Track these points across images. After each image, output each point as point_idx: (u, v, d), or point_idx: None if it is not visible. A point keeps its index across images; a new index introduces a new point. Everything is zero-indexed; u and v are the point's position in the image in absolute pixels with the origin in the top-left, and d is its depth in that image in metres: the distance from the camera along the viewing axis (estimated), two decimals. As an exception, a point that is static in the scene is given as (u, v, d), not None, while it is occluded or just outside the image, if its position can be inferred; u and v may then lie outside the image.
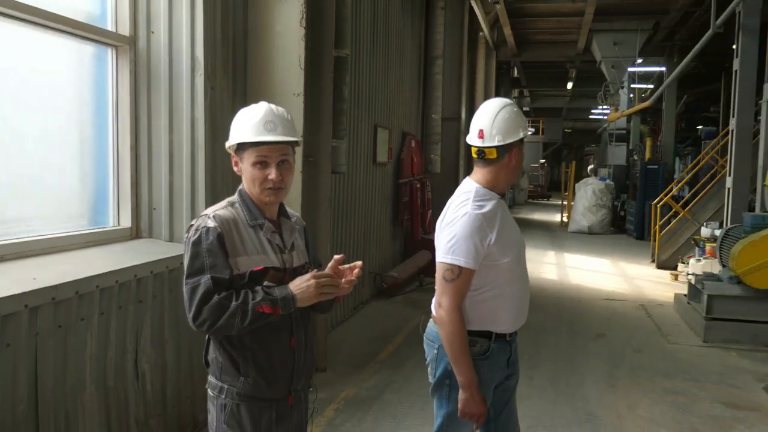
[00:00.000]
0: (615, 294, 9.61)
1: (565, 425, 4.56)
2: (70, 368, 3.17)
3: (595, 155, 33.60)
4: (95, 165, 4.09)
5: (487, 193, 2.64)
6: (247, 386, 2.22)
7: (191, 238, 2.20)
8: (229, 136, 2.30)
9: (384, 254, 9.34)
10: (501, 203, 2.68)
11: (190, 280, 2.15)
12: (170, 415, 4.02)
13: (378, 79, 8.54)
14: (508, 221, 2.69)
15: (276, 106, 2.32)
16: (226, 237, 2.18)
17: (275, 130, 2.21)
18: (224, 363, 2.24)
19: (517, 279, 2.67)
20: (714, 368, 6.05)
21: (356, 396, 5.05)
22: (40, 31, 3.51)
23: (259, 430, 2.24)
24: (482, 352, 2.59)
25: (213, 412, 2.29)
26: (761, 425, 4.69)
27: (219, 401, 2.25)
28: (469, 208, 2.56)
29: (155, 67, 4.15)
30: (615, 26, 15.81)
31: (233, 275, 2.16)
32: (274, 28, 4.71)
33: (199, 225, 2.21)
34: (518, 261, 2.69)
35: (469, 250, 2.50)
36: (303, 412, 2.43)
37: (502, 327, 2.63)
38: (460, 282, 2.53)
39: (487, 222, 2.55)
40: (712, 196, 12.85)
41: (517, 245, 2.70)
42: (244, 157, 2.24)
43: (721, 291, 7.07)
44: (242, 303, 2.09)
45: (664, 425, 4.67)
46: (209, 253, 2.15)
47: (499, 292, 2.61)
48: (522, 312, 2.72)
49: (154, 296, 3.81)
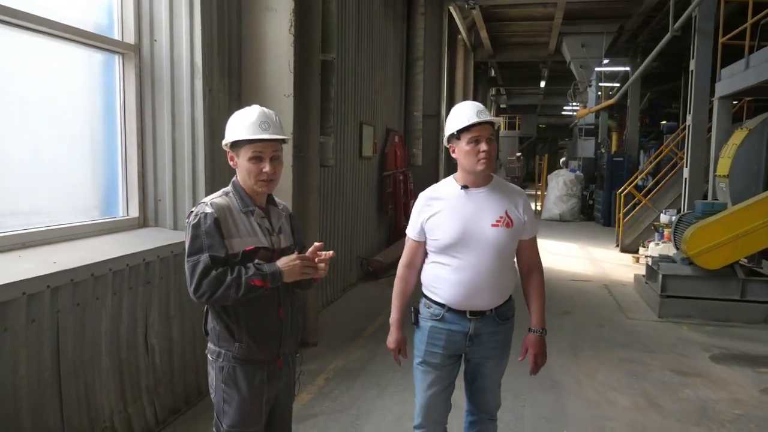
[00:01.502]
0: (581, 275, 9.86)
1: (530, 391, 4.78)
2: (87, 341, 3.34)
3: (567, 148, 33.86)
4: (105, 161, 4.23)
5: (449, 181, 2.81)
6: (241, 351, 2.41)
7: (191, 222, 2.37)
8: (225, 134, 2.48)
9: (370, 241, 9.52)
10: (461, 193, 2.74)
11: (191, 258, 2.33)
12: (177, 383, 4.19)
13: (363, 80, 8.69)
14: (460, 209, 2.71)
15: (267, 109, 2.50)
16: (221, 221, 2.36)
17: (268, 130, 2.40)
18: (221, 331, 2.43)
19: (460, 262, 2.70)
20: (666, 340, 6.29)
21: (344, 367, 5.24)
22: (55, 41, 3.65)
23: (253, 388, 2.43)
24: (435, 314, 2.79)
25: (212, 373, 2.48)
26: (705, 389, 4.93)
27: (217, 364, 2.44)
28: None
29: (158, 72, 4.29)
30: (583, 29, 16.05)
31: (228, 254, 2.35)
32: (265, 36, 4.86)
33: (198, 211, 2.39)
34: (462, 246, 2.69)
35: (413, 224, 2.83)
36: (291, 374, 2.62)
37: (443, 298, 2.75)
38: (407, 246, 2.90)
39: (425, 201, 2.80)
40: (671, 186, 13.13)
41: (463, 232, 2.68)
42: (241, 153, 2.42)
43: (674, 271, 7.31)
44: (237, 277, 2.28)
45: (619, 390, 4.89)
46: (207, 235, 2.33)
47: (436, 266, 2.78)
48: (468, 294, 2.72)
49: (161, 278, 3.98)
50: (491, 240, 2.68)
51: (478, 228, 2.69)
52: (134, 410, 3.74)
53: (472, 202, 2.73)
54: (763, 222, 6.82)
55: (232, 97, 4.80)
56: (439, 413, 2.89)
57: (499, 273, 2.74)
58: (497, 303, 2.79)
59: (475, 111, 2.68)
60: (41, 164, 3.66)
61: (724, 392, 4.85)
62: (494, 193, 2.76)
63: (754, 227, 6.84)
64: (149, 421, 3.87)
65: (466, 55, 18.65)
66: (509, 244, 2.75)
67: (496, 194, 2.76)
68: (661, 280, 7.27)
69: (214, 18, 4.48)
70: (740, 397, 4.76)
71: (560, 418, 4.32)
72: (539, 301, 2.91)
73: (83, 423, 3.32)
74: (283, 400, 2.62)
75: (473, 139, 2.65)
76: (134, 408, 3.74)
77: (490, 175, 2.80)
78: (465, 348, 2.81)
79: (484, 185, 2.76)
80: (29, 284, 2.87)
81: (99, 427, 3.44)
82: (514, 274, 2.87)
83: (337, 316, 6.92)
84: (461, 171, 2.76)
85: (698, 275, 7.16)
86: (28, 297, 2.88)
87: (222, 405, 2.44)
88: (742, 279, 7.03)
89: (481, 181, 2.75)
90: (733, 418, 4.36)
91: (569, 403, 4.59)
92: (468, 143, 2.66)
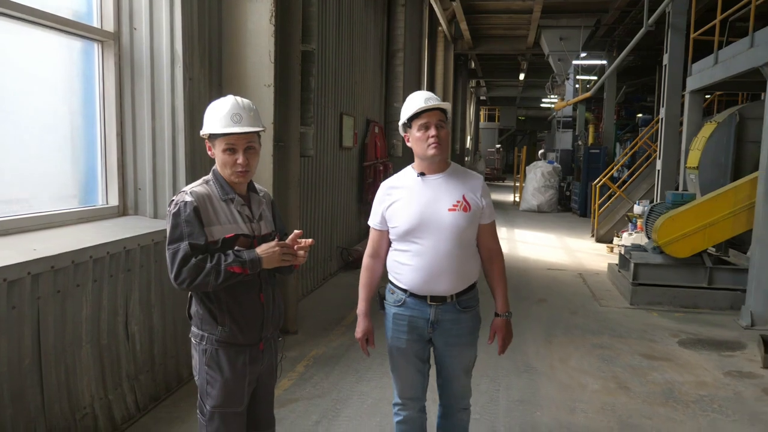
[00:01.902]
0: (557, 264, 9.99)
1: (505, 375, 4.87)
2: (68, 328, 3.35)
3: (545, 140, 34.12)
4: (85, 150, 4.20)
5: (407, 170, 2.86)
6: (224, 334, 2.45)
7: (172, 210, 2.40)
8: (203, 125, 2.50)
9: (350, 230, 9.56)
10: (417, 180, 2.78)
11: (171, 246, 2.36)
12: (158, 371, 4.21)
13: (343, 71, 8.69)
14: (418, 196, 2.75)
15: (241, 98, 2.52)
16: (201, 209, 2.39)
17: (241, 122, 2.42)
18: (204, 315, 2.46)
19: (419, 247, 2.74)
20: (637, 326, 6.43)
21: (324, 354, 5.29)
22: (32, 28, 3.62)
23: (235, 370, 2.47)
24: (397, 301, 2.85)
25: (196, 356, 2.51)
26: (672, 372, 5.07)
27: (200, 347, 2.48)
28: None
29: (138, 60, 4.27)
30: (561, 23, 16.18)
31: (208, 241, 2.38)
32: (246, 26, 4.85)
33: (179, 200, 2.41)
34: (420, 232, 2.72)
35: (374, 214, 2.89)
36: (273, 357, 2.67)
37: (404, 284, 2.81)
38: (371, 236, 2.95)
39: (385, 191, 2.86)
40: (644, 177, 13.34)
41: (420, 217, 2.72)
42: (216, 145, 2.46)
43: (645, 260, 7.46)
44: (216, 264, 2.32)
45: (591, 374, 5.00)
46: (187, 223, 2.36)
47: (397, 252, 2.84)
48: (428, 278, 2.75)
49: (141, 266, 3.98)
50: (448, 224, 2.71)
51: (436, 213, 2.72)
52: (115, 397, 3.75)
53: (429, 188, 2.76)
54: (730, 212, 6.99)
55: (212, 86, 4.79)
56: (416, 390, 2.95)
57: (458, 257, 2.76)
58: (458, 289, 2.81)
59: (423, 98, 2.73)
60: (19, 152, 3.63)
61: (690, 375, 4.99)
62: (451, 179, 2.79)
63: (721, 217, 7.01)
64: (130, 407, 3.88)
65: (447, 47, 18.69)
66: (467, 228, 2.76)
67: (452, 180, 2.79)
68: (632, 268, 7.41)
69: (194, 6, 4.46)
70: (705, 379, 4.90)
71: (534, 401, 4.41)
72: (502, 286, 2.95)
73: (64, 409, 3.33)
74: (265, 383, 2.67)
75: (423, 125, 2.70)
76: (115, 395, 3.76)
77: (447, 162, 2.84)
78: (429, 334, 2.85)
79: (441, 171, 2.79)
80: (10, 271, 2.86)
81: (80, 413, 3.45)
82: (476, 261, 2.89)
83: (317, 305, 6.95)
84: (416, 158, 2.81)
85: (668, 264, 7.31)
86: (9, 284, 2.88)
87: (205, 387, 2.48)
88: (709, 267, 7.20)
89: (438, 167, 2.79)
90: (697, 399, 4.50)
91: (542, 387, 4.69)
92: (419, 130, 2.71)
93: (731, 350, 5.66)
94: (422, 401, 3.02)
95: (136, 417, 3.91)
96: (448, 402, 3.01)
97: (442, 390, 3.01)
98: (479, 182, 2.85)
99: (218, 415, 2.48)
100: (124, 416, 3.81)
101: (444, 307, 2.80)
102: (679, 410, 4.30)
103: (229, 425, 2.50)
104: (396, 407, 3.01)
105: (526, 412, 4.22)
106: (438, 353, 2.92)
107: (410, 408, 2.98)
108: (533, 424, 4.04)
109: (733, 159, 7.65)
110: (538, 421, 4.09)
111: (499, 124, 39.93)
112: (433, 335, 2.85)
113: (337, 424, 4.00)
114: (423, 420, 3.05)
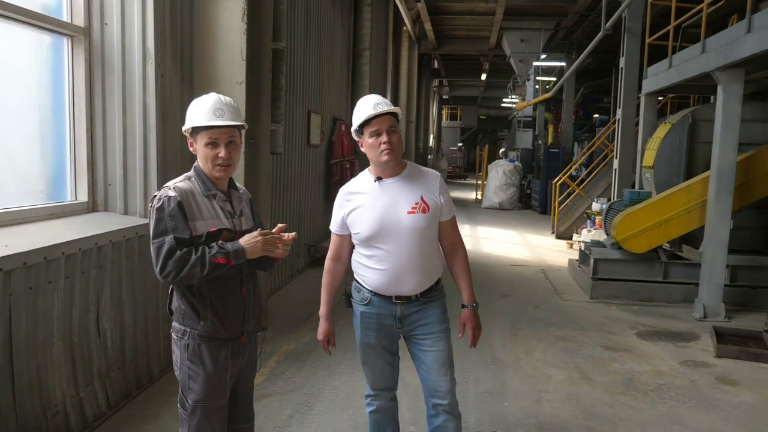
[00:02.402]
0: (519, 260, 10.17)
1: (473, 368, 4.96)
2: (40, 325, 3.28)
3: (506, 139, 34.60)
4: (54, 145, 4.12)
5: (365, 175, 2.85)
6: (206, 328, 2.45)
7: (155, 206, 2.39)
8: (185, 121, 2.50)
9: (317, 227, 9.55)
10: (375, 186, 2.77)
11: (156, 240, 2.35)
12: (129, 368, 4.15)
13: (311, 69, 8.67)
14: (376, 202, 2.74)
15: (224, 96, 2.54)
16: (184, 204, 2.39)
17: (223, 116, 2.44)
18: (186, 310, 2.46)
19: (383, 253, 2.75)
20: (597, 319, 6.62)
21: (294, 350, 5.29)
22: (1, 22, 3.52)
23: (218, 364, 2.48)
24: (363, 299, 2.87)
25: (177, 352, 2.50)
26: (631, 362, 5.24)
27: (182, 342, 2.47)
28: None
29: (109, 56, 4.20)
30: (522, 25, 16.45)
31: (192, 235, 2.38)
32: (218, 23, 4.81)
33: (162, 195, 2.40)
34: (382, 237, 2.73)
35: (335, 219, 2.89)
36: (253, 350, 2.68)
37: (370, 286, 2.83)
38: (332, 240, 2.96)
39: (344, 196, 2.85)
40: (602, 176, 13.67)
41: (381, 224, 2.72)
42: (198, 139, 2.46)
43: (604, 255, 7.66)
44: (201, 256, 2.32)
45: (555, 365, 5.14)
46: (171, 218, 2.36)
47: (359, 255, 2.86)
48: (393, 281, 2.77)
49: (113, 262, 3.92)
50: (409, 227, 2.71)
51: (395, 217, 2.72)
52: (86, 394, 3.69)
53: (387, 192, 2.75)
54: (684, 209, 7.24)
55: (184, 83, 4.73)
56: (387, 382, 3.01)
57: (421, 258, 2.77)
58: (423, 288, 2.83)
59: (372, 104, 2.68)
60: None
61: (648, 365, 5.17)
62: (408, 181, 2.78)
63: (676, 214, 7.25)
64: (101, 405, 3.83)
65: (411, 47, 18.79)
66: (427, 228, 2.77)
67: (409, 182, 2.78)
68: (592, 264, 7.61)
69: (166, 3, 4.41)
70: (662, 369, 5.09)
71: (501, 392, 4.51)
72: (466, 278, 2.95)
73: (35, 407, 3.27)
74: (245, 377, 2.68)
75: (374, 132, 2.67)
76: (86, 392, 3.70)
77: (404, 163, 2.83)
78: (397, 330, 2.88)
79: (397, 174, 2.78)
80: (-19, 267, 2.80)
81: (51, 411, 3.39)
82: (439, 258, 2.91)
83: (286, 301, 6.94)
84: (371, 163, 2.79)
85: (626, 259, 7.53)
86: (-20, 280, 2.82)
87: (188, 381, 2.47)
88: (664, 262, 7.44)
89: (394, 171, 2.77)
90: (656, 388, 4.66)
91: (509, 379, 4.80)
92: (370, 136, 2.68)
93: (686, 341, 5.87)
94: (393, 391, 3.07)
95: (107, 414, 3.85)
96: (432, 401, 2.93)
97: (424, 386, 2.96)
98: (437, 181, 2.84)
99: (200, 409, 2.48)
100: (95, 414, 3.76)
101: (409, 303, 2.84)
102: (639, 398, 4.46)
103: (211, 419, 2.50)
104: (368, 398, 3.07)
105: (494, 403, 4.31)
106: (411, 348, 2.95)
107: (382, 398, 3.04)
108: (502, 415, 4.13)
109: (686, 159, 7.91)
110: (506, 412, 4.18)
111: (461, 123, 40.32)
112: (402, 330, 2.89)
113: (311, 418, 4.02)
114: (395, 408, 3.12)
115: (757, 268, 7.18)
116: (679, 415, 4.20)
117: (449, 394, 2.88)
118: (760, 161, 7.13)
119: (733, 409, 4.33)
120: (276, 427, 3.89)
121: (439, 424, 2.91)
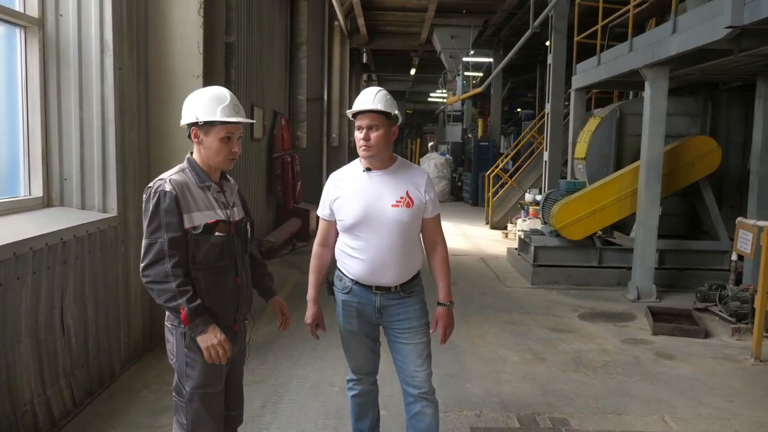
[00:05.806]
0: (459, 250, 10.49)
1: (432, 353, 5.11)
2: (8, 323, 3.21)
3: (435, 133, 35.22)
4: (6, 138, 3.97)
5: (355, 164, 2.94)
6: None
7: (151, 199, 2.41)
8: (189, 113, 2.50)
9: (260, 221, 9.49)
10: (363, 176, 2.85)
11: (150, 237, 2.40)
12: (92, 365, 4.08)
13: (253, 63, 8.61)
14: (363, 191, 2.82)
15: None
16: (180, 198, 2.43)
17: (240, 113, 2.52)
18: None
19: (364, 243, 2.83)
20: (541, 303, 6.98)
21: (255, 342, 5.29)
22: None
23: (214, 351, 2.52)
24: (345, 288, 2.96)
25: (172, 340, 2.53)
26: (577, 342, 5.59)
27: (178, 331, 2.50)
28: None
29: (64, 48, 4.08)
30: (452, 22, 16.78)
31: (186, 230, 2.42)
32: (173, 16, 4.73)
33: (158, 188, 2.42)
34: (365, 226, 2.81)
35: (322, 204, 2.97)
36: (243, 338, 2.77)
37: (351, 274, 2.91)
38: (320, 226, 3.05)
39: (333, 182, 2.94)
40: (532, 168, 14.24)
41: (365, 213, 2.79)
42: (211, 133, 2.48)
43: (544, 243, 8.06)
44: (178, 293, 2.36)
45: (508, 347, 5.41)
46: (166, 213, 2.39)
47: (342, 243, 2.94)
48: (373, 271, 2.85)
49: (76, 258, 3.84)
50: (392, 219, 2.78)
51: (379, 209, 2.79)
52: (53, 393, 3.62)
53: (374, 184, 2.83)
54: (616, 198, 7.73)
55: (140, 75, 4.64)
56: (369, 366, 3.11)
57: (402, 251, 2.84)
58: (402, 280, 2.90)
59: (363, 99, 2.78)
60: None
61: (593, 344, 5.53)
62: (396, 175, 2.85)
63: (609, 203, 7.74)
64: (67, 403, 3.76)
65: (343, 42, 18.78)
66: (410, 223, 2.83)
67: (397, 176, 2.85)
68: (533, 251, 7.99)
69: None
70: (606, 347, 5.46)
71: (463, 375, 4.72)
72: (445, 276, 3.01)
73: (5, 407, 3.19)
74: (236, 363, 2.75)
75: (358, 126, 2.79)
76: (52, 390, 3.62)
77: (394, 157, 2.92)
78: (376, 319, 2.95)
79: (386, 167, 2.85)
80: (-46, 265, 2.71)
81: (20, 410, 3.31)
82: (419, 252, 2.98)
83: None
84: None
85: (565, 246, 7.96)
86: (-47, 278, 2.72)
87: (185, 369, 2.50)
88: (599, 248, 7.93)
89: (383, 163, 2.84)
90: (603, 365, 5.02)
91: (468, 362, 5.02)
92: (357, 130, 2.80)
93: (624, 321, 6.31)
94: (375, 375, 3.17)
95: (74, 412, 3.79)
96: (408, 389, 2.98)
97: (399, 375, 3.01)
98: (424, 178, 2.92)
99: (198, 395, 2.52)
100: (62, 412, 3.69)
101: (388, 294, 2.91)
102: (589, 375, 4.79)
103: (209, 405, 2.55)
104: (350, 383, 3.16)
105: (457, 386, 4.51)
106: (390, 338, 3.02)
107: (365, 383, 3.15)
108: (466, 395, 4.34)
109: (616, 150, 8.44)
110: (470, 393, 4.39)
111: (389, 118, 40.56)
112: (382, 320, 2.97)
113: (282, 408, 4.08)
114: (376, 392, 3.23)
115: (683, 251, 7.77)
116: (628, 388, 4.54)
117: (426, 382, 2.95)
118: (684, 151, 7.72)
119: (674, 380, 4.73)
120: (250, 417, 3.91)
121: (417, 411, 2.97)
